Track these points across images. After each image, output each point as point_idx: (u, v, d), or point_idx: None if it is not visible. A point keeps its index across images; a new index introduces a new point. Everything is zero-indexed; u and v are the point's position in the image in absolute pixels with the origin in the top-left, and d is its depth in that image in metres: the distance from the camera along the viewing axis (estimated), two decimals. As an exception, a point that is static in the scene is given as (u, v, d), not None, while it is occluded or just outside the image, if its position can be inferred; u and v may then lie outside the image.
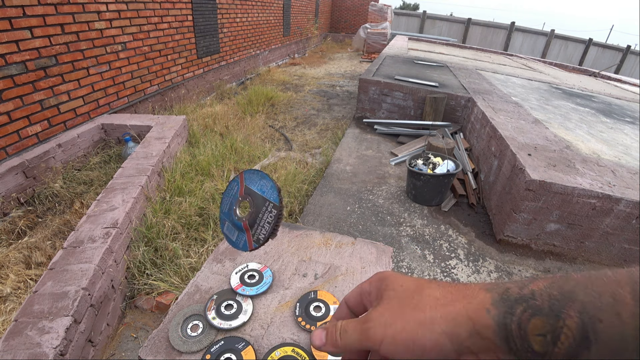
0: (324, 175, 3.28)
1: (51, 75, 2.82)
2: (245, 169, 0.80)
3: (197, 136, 3.64)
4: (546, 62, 11.36)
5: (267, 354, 0.68)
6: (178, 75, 4.79)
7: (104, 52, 3.39)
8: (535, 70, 8.33)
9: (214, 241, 2.25)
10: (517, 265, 2.37)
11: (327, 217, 2.66)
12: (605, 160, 2.75)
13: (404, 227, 2.64)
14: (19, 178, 2.46)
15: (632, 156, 3.03)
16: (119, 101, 3.68)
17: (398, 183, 3.25)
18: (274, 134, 4.48)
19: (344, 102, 6.18)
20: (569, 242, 2.42)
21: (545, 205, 2.30)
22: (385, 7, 12.86)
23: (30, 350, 1.24)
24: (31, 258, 1.97)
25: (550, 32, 15.77)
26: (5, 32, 2.40)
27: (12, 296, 1.73)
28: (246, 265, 0.91)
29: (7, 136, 2.51)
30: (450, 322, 0.26)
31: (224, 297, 0.82)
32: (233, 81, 6.63)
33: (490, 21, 16.62)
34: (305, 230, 1.12)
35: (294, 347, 0.70)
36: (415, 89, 4.51)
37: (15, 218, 2.29)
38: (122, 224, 1.93)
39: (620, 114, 4.81)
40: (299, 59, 10.19)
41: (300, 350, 0.69)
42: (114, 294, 1.78)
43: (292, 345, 0.70)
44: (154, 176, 2.55)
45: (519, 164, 2.43)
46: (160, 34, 4.25)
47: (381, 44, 11.27)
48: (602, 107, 5.04)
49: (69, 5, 2.91)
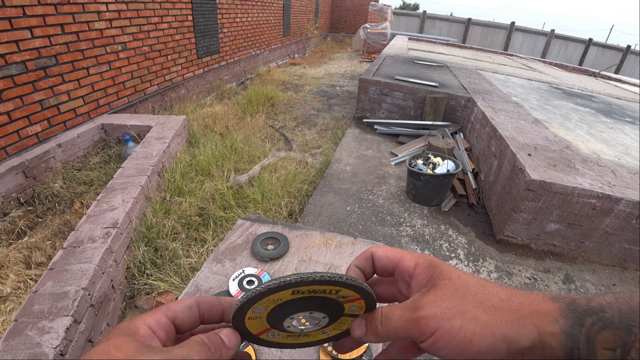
0: (324, 175, 3.28)
1: (51, 75, 2.82)
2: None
3: (197, 136, 3.64)
4: (546, 62, 11.36)
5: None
6: (178, 75, 4.79)
7: (104, 52, 3.39)
8: (535, 70, 8.32)
9: (214, 241, 2.25)
10: (517, 265, 2.37)
11: (327, 217, 2.66)
12: (605, 160, 2.75)
13: (404, 227, 2.64)
14: (19, 178, 2.46)
15: (632, 156, 3.03)
16: (119, 101, 3.68)
17: (398, 183, 3.25)
18: (274, 134, 4.48)
19: (344, 102, 6.18)
20: (569, 242, 2.42)
21: (545, 205, 2.30)
22: (385, 7, 12.86)
23: (30, 350, 1.24)
24: (31, 258, 1.97)
25: (550, 32, 15.77)
26: (5, 32, 2.40)
27: (12, 296, 1.73)
28: (242, 271, 0.90)
29: (7, 136, 2.51)
30: (515, 328, 0.24)
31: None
32: (233, 81, 6.63)
33: (490, 21, 16.62)
34: (305, 230, 1.12)
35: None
36: (415, 89, 4.51)
37: (15, 218, 2.28)
38: (122, 224, 1.93)
39: (620, 114, 4.81)
40: (299, 59, 10.19)
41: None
42: (114, 294, 1.78)
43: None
44: (154, 176, 2.55)
45: (519, 164, 2.43)
46: (160, 34, 4.25)
47: (381, 44, 11.27)
48: (602, 107, 5.04)
49: (69, 5, 2.91)
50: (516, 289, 0.27)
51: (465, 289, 0.28)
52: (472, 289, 0.27)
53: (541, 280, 2.25)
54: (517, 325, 0.24)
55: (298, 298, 0.30)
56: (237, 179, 3.01)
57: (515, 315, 0.25)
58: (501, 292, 0.27)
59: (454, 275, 0.29)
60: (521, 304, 0.26)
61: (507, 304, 0.26)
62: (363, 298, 0.31)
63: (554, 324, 0.24)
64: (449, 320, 0.26)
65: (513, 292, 0.27)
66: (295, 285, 0.28)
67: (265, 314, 0.30)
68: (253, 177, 3.07)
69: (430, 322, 0.26)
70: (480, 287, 0.28)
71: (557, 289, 2.18)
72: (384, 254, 0.33)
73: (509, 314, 0.25)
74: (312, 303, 0.31)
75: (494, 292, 0.27)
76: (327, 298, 0.30)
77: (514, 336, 0.24)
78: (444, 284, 0.28)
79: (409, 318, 0.27)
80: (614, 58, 15.18)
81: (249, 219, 1.16)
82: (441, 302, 0.27)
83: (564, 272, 2.34)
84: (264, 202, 2.67)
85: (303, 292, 0.29)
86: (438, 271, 0.30)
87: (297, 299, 0.30)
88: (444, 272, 0.29)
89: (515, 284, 2.20)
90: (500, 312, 0.25)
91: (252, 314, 0.30)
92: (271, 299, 0.29)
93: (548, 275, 2.30)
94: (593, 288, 2.23)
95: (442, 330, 0.26)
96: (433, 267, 0.30)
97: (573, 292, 2.17)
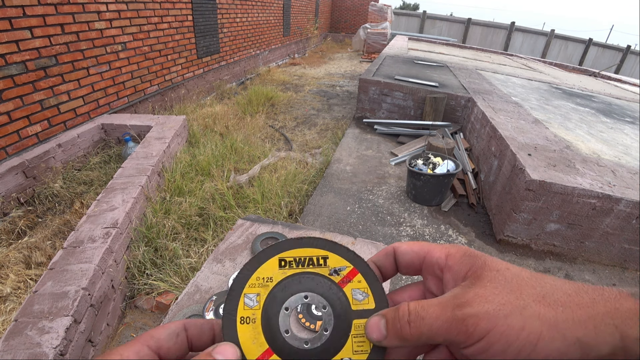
0: (324, 175, 3.28)
1: (51, 75, 2.82)
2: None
3: (197, 136, 3.64)
4: (546, 62, 11.36)
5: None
6: (178, 75, 4.79)
7: (104, 52, 3.39)
8: (535, 70, 8.33)
9: (214, 241, 2.25)
10: (517, 265, 2.36)
11: (327, 217, 2.66)
12: (605, 160, 2.75)
13: (404, 227, 2.64)
14: (19, 178, 2.46)
15: (632, 156, 3.03)
16: (119, 101, 3.68)
17: (398, 183, 3.25)
18: (274, 134, 4.48)
19: (344, 102, 6.18)
20: (569, 242, 2.42)
21: (545, 205, 2.30)
22: (385, 7, 12.86)
23: (30, 350, 1.24)
24: (31, 258, 1.97)
25: (550, 32, 15.77)
26: (5, 32, 2.40)
27: (12, 296, 1.73)
28: None
29: (7, 136, 2.51)
30: (591, 330, 0.19)
31: (223, 299, 0.82)
32: (233, 81, 6.63)
33: (490, 21, 16.62)
34: (305, 230, 1.12)
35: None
36: (415, 89, 4.51)
37: (15, 218, 2.28)
38: (122, 224, 1.93)
39: (620, 114, 4.81)
40: (299, 59, 10.19)
41: None
42: (114, 294, 1.78)
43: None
44: (154, 176, 2.55)
45: (519, 164, 2.43)
46: (160, 34, 4.25)
47: (381, 44, 11.27)
48: (602, 107, 5.04)
49: (69, 5, 2.91)
50: (584, 284, 0.22)
51: (521, 281, 0.22)
52: (529, 282, 0.22)
53: (541, 280, 2.25)
54: (594, 326, 0.19)
55: (289, 278, 0.28)
56: (237, 179, 3.01)
57: (589, 314, 0.20)
58: (566, 286, 0.22)
59: (502, 266, 0.24)
60: (594, 300, 0.20)
61: (576, 300, 0.21)
62: (357, 269, 0.28)
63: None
64: (505, 318, 0.21)
65: (581, 287, 0.22)
66: (274, 250, 0.27)
67: (259, 312, 0.27)
68: (253, 177, 3.07)
69: (481, 322, 0.21)
70: (538, 279, 0.22)
71: (557, 289, 2.18)
72: (408, 248, 0.29)
73: (581, 311, 0.20)
74: (305, 283, 0.28)
75: (557, 285, 0.22)
76: (320, 276, 0.28)
77: (590, 340, 0.19)
78: (491, 275, 0.23)
79: (451, 317, 0.22)
80: (614, 58, 15.18)
81: (249, 219, 1.16)
82: (493, 297, 0.22)
83: (564, 272, 2.34)
84: (264, 202, 2.67)
85: (290, 263, 0.28)
86: (480, 261, 0.24)
87: (288, 279, 0.28)
88: (488, 263, 0.24)
89: (515, 284, 2.20)
90: (570, 309, 0.20)
91: (244, 310, 0.27)
92: (260, 277, 0.28)
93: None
94: (593, 288, 2.23)
95: (496, 331, 0.20)
96: (472, 257, 0.25)
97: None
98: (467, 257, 0.25)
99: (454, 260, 0.26)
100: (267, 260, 0.28)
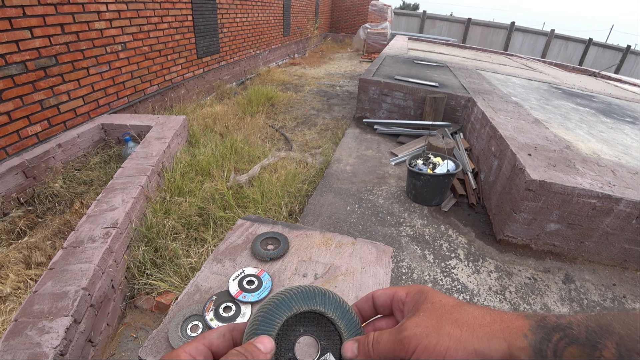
0: (324, 175, 3.28)
1: (51, 75, 2.82)
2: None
3: (197, 136, 3.64)
4: (546, 62, 11.36)
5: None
6: (178, 75, 4.79)
7: (104, 52, 3.39)
8: (535, 70, 8.32)
9: (214, 241, 2.25)
10: (517, 265, 2.37)
11: (327, 217, 2.66)
12: (605, 160, 2.75)
13: (404, 227, 2.64)
14: (19, 178, 2.46)
15: (632, 156, 3.03)
16: (119, 101, 3.68)
17: (398, 183, 3.25)
18: (274, 134, 4.48)
19: (344, 102, 6.18)
20: (569, 242, 2.42)
21: (545, 205, 2.30)
22: (385, 7, 12.86)
23: (30, 350, 1.24)
24: (31, 258, 1.97)
25: (550, 32, 15.77)
26: (5, 32, 2.40)
27: (12, 296, 1.73)
28: (242, 271, 0.90)
29: (7, 136, 2.51)
30: (485, 342, 0.26)
31: (223, 299, 0.82)
32: (233, 81, 6.63)
33: (490, 21, 16.62)
34: (305, 230, 1.12)
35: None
36: (415, 89, 4.51)
37: (15, 218, 2.28)
38: (122, 224, 1.93)
39: (620, 114, 4.81)
40: (299, 59, 10.19)
41: None
42: (114, 294, 1.78)
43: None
44: (154, 176, 2.55)
45: (519, 164, 2.43)
46: (160, 34, 4.25)
47: (381, 44, 11.27)
48: (602, 107, 5.04)
49: (69, 5, 2.91)
50: (493, 309, 0.29)
51: (444, 310, 0.30)
52: (450, 310, 0.30)
53: (541, 280, 2.25)
54: (488, 339, 0.26)
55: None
56: (237, 179, 3.01)
57: (487, 331, 0.27)
58: (476, 311, 0.29)
59: (437, 299, 0.32)
60: (493, 321, 0.27)
61: (480, 321, 0.28)
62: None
63: (523, 339, 0.25)
64: (426, 337, 0.28)
65: (488, 311, 0.29)
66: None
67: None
68: (253, 177, 3.07)
69: (412, 341, 0.29)
70: (457, 307, 0.30)
71: (557, 289, 2.18)
72: (382, 292, 0.37)
73: (480, 329, 0.27)
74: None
75: (469, 311, 0.29)
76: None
77: (485, 350, 0.26)
78: (426, 307, 0.31)
79: (395, 339, 0.30)
80: (614, 58, 15.18)
81: (249, 219, 1.16)
82: (422, 323, 0.30)
83: (564, 272, 2.34)
84: (264, 202, 2.67)
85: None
86: (423, 297, 0.33)
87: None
88: (428, 297, 0.32)
89: (515, 284, 2.20)
90: (473, 328, 0.27)
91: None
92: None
93: (548, 275, 2.30)
94: (593, 288, 2.23)
95: (421, 347, 0.28)
96: (420, 293, 0.33)
97: (573, 292, 2.17)
98: (418, 294, 0.34)
99: (410, 297, 0.34)
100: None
